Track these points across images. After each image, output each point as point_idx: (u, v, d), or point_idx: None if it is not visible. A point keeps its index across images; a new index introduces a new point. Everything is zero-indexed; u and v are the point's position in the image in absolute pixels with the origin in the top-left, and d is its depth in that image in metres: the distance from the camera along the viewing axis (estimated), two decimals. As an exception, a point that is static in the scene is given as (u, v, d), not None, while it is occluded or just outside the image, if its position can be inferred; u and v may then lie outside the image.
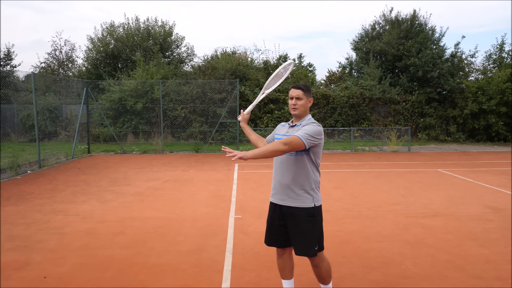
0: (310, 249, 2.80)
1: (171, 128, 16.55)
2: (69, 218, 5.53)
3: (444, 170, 9.67)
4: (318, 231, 2.82)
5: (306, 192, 2.77)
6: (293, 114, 2.86)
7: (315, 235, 2.80)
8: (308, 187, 2.78)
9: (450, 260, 4.00)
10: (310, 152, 2.74)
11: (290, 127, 2.90)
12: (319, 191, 2.87)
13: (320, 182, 2.89)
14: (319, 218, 2.83)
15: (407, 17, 19.47)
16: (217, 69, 16.68)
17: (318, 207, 2.81)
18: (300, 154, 2.75)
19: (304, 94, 2.80)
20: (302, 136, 2.61)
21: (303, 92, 2.80)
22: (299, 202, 2.77)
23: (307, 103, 2.83)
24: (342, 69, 21.06)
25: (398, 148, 14.47)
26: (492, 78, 16.85)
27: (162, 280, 3.55)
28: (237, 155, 2.42)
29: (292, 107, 2.82)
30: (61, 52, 22.38)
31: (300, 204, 2.77)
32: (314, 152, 2.76)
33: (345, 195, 6.97)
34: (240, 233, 4.86)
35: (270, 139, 3.06)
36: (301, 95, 2.79)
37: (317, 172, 2.83)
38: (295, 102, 2.80)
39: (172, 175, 9.09)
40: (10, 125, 14.93)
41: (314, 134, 2.65)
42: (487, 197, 6.77)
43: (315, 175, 2.81)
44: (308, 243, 2.79)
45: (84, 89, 13.37)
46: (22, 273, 3.70)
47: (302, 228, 2.78)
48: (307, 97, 2.82)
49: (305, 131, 2.64)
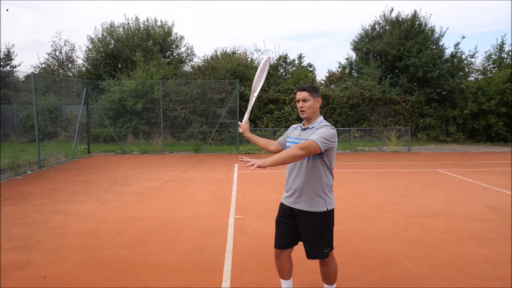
0: (321, 252, 2.80)
1: (171, 128, 16.55)
2: (69, 218, 5.53)
3: (444, 170, 9.68)
4: (328, 233, 2.82)
5: (318, 196, 2.75)
6: (303, 117, 2.79)
7: (326, 238, 2.80)
8: (321, 190, 2.75)
9: (450, 260, 4.00)
10: (324, 155, 2.71)
11: (302, 130, 2.85)
12: (332, 193, 2.84)
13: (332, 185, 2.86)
14: (331, 220, 2.82)
15: (408, 18, 19.49)
16: (217, 69, 16.68)
17: (330, 211, 2.79)
18: (314, 158, 2.71)
19: (310, 95, 2.75)
20: (317, 140, 2.57)
21: (309, 93, 2.75)
22: (311, 206, 2.74)
23: (315, 103, 2.77)
24: (342, 69, 21.05)
25: (398, 149, 14.48)
26: (492, 79, 16.86)
27: (162, 280, 3.55)
28: (256, 164, 2.35)
29: (300, 110, 2.78)
30: (61, 52, 22.43)
31: (312, 208, 2.74)
32: (328, 155, 2.73)
33: (345, 195, 6.97)
34: (240, 233, 4.86)
35: (282, 142, 3.03)
36: (307, 97, 2.75)
37: (330, 175, 2.80)
38: (302, 104, 2.76)
39: (172, 175, 9.09)
40: (10, 125, 14.93)
41: (329, 137, 2.61)
42: (487, 197, 6.77)
43: (328, 179, 2.78)
44: (319, 246, 2.79)
45: (84, 89, 13.37)
46: (22, 273, 3.70)
47: (313, 232, 2.77)
48: (314, 98, 2.76)
49: (320, 135, 2.61)
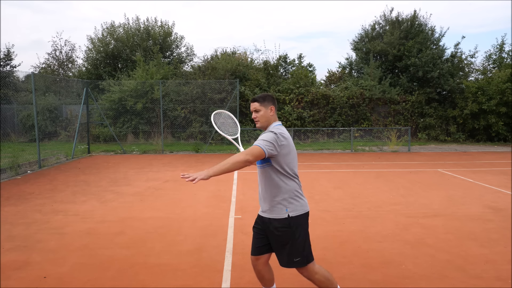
0: (290, 260, 2.74)
1: (171, 128, 16.56)
2: (69, 218, 5.53)
3: (444, 170, 9.67)
4: (299, 242, 2.73)
5: (278, 203, 2.72)
6: (257, 127, 2.87)
7: (295, 246, 2.72)
8: (280, 197, 2.70)
9: (450, 260, 4.00)
10: (271, 162, 2.67)
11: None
12: (300, 199, 2.75)
13: (298, 190, 2.77)
14: (298, 228, 2.72)
15: (408, 17, 19.49)
16: (217, 69, 16.68)
17: (295, 217, 2.70)
18: (263, 166, 2.74)
19: (261, 105, 2.78)
20: (260, 144, 2.55)
21: (259, 103, 2.79)
22: (273, 213, 2.73)
23: (267, 112, 2.78)
24: (342, 69, 21.05)
25: (398, 148, 14.47)
26: (492, 78, 16.85)
27: (162, 280, 3.55)
28: (197, 178, 2.33)
29: (255, 120, 2.84)
30: (61, 52, 22.41)
31: (274, 215, 2.73)
32: (278, 161, 2.66)
33: (345, 195, 6.97)
34: (240, 233, 4.86)
35: None
36: (258, 107, 2.79)
37: (289, 181, 2.71)
38: (255, 115, 2.81)
39: (172, 175, 9.09)
40: (10, 125, 14.92)
41: (271, 140, 2.58)
42: (487, 197, 6.77)
43: (287, 185, 2.70)
44: (288, 253, 2.74)
45: (84, 89, 13.37)
46: (22, 273, 3.70)
47: (279, 239, 2.75)
48: (266, 107, 2.78)
49: (262, 138, 2.61)
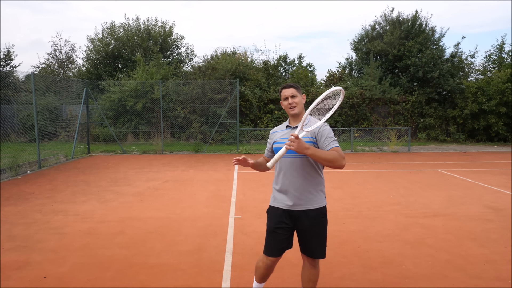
0: (323, 250, 2.79)
1: (171, 128, 16.55)
2: (69, 218, 5.53)
3: (444, 170, 9.67)
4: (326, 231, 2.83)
5: (318, 193, 2.74)
6: (293, 114, 2.73)
7: (326, 236, 2.80)
8: (320, 187, 2.75)
9: (450, 260, 4.00)
10: None
11: (291, 129, 2.77)
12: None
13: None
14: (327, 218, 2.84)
15: (408, 17, 19.47)
16: (217, 70, 16.67)
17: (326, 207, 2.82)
18: (300, 156, 2.66)
19: (297, 91, 2.76)
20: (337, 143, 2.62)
21: (296, 90, 2.76)
22: (311, 204, 2.70)
23: (301, 100, 2.78)
24: (342, 69, 21.06)
25: (398, 148, 14.47)
26: (492, 79, 16.86)
27: (162, 280, 3.55)
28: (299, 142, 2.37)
29: (290, 107, 2.74)
30: (61, 52, 22.41)
31: (312, 206, 2.70)
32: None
33: (345, 195, 6.97)
34: (240, 233, 4.86)
35: (268, 154, 2.98)
36: (295, 93, 2.74)
37: (322, 172, 2.80)
38: (292, 100, 2.72)
39: (172, 175, 9.09)
40: (10, 125, 14.91)
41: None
42: (487, 197, 6.77)
43: (322, 175, 2.79)
44: (323, 243, 2.78)
45: (84, 89, 13.37)
46: (22, 273, 3.70)
47: (316, 230, 2.73)
48: (300, 94, 2.79)
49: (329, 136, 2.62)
